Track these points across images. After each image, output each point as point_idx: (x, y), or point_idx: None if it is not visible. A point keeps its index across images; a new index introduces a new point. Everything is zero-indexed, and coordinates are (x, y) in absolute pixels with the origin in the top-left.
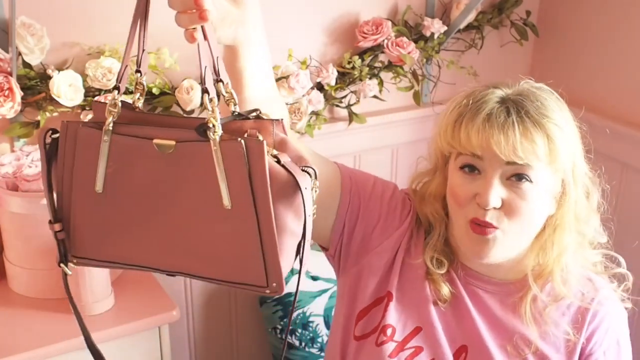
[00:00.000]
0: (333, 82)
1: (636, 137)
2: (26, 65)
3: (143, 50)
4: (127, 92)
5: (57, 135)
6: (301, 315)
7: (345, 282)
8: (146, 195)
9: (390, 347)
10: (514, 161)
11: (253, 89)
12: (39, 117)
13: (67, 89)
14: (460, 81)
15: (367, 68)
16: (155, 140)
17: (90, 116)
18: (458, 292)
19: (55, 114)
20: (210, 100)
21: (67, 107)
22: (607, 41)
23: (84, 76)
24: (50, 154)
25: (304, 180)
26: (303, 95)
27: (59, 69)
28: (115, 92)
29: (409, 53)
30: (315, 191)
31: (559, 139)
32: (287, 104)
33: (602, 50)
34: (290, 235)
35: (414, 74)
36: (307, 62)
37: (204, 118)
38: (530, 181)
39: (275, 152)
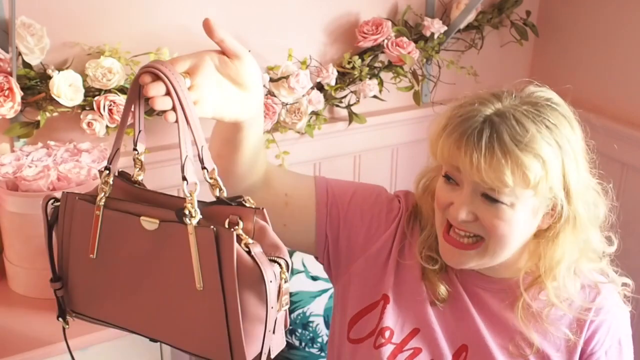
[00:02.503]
0: (333, 82)
1: (636, 137)
2: (26, 65)
3: (140, 131)
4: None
5: (57, 203)
6: (301, 315)
7: (338, 289)
8: (131, 266)
9: (388, 349)
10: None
11: (247, 156)
12: (39, 117)
13: (67, 89)
14: (460, 81)
15: (367, 68)
16: (142, 218)
17: (90, 116)
18: (457, 292)
19: (55, 114)
20: (189, 188)
21: (67, 107)
22: (607, 41)
23: (84, 76)
24: (52, 220)
25: (270, 274)
26: (303, 95)
27: (59, 69)
28: (106, 172)
29: (409, 53)
30: (285, 281)
31: (531, 168)
32: (287, 104)
33: (602, 50)
34: (257, 321)
35: (414, 74)
36: (307, 62)
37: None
38: (505, 204)
39: (250, 240)
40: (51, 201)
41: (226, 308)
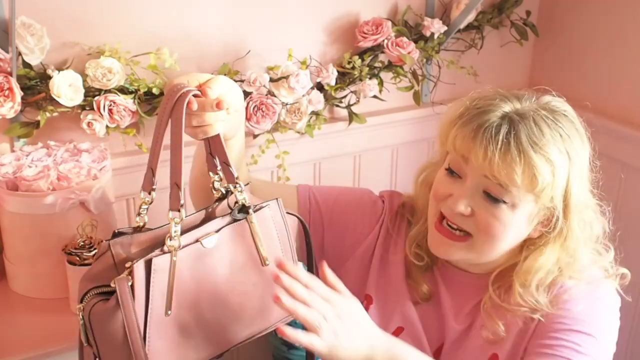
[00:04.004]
0: (333, 82)
1: (636, 137)
2: (26, 65)
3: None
4: (127, 92)
5: (129, 282)
6: None
7: None
8: (204, 292)
9: None
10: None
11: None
12: (39, 117)
13: (67, 89)
14: (460, 81)
15: (367, 68)
16: (202, 240)
17: (90, 116)
18: (438, 290)
19: (55, 114)
20: (237, 185)
21: (67, 107)
22: (607, 41)
23: (84, 76)
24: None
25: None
26: (303, 95)
27: (59, 69)
28: (175, 216)
29: (409, 53)
30: None
31: (542, 171)
32: (287, 104)
33: (602, 50)
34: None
35: (414, 74)
36: (307, 62)
37: (210, 206)
38: (507, 203)
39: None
40: (126, 282)
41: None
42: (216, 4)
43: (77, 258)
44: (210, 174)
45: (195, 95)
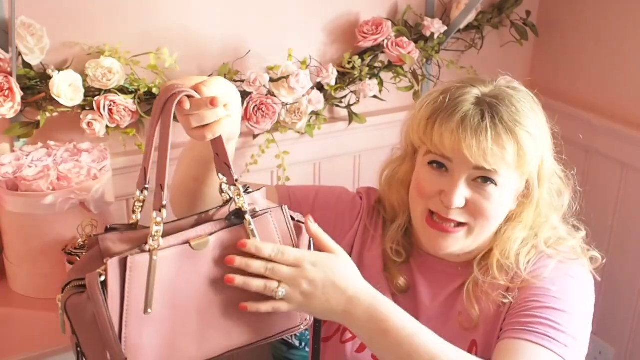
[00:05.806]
0: (333, 82)
1: (636, 137)
2: (26, 65)
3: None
4: (127, 92)
5: (102, 278)
6: None
7: None
8: (193, 295)
9: (356, 343)
10: (483, 166)
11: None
12: (39, 117)
13: (67, 89)
14: None
15: (367, 68)
16: (192, 242)
17: (90, 116)
18: (415, 281)
19: (55, 114)
20: (236, 189)
21: (67, 107)
22: (607, 41)
23: (84, 76)
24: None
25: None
26: (303, 95)
27: (59, 69)
28: (157, 216)
29: (409, 53)
30: None
31: (528, 145)
32: (287, 104)
33: (602, 50)
34: None
35: (414, 74)
36: (307, 62)
37: (211, 209)
38: (496, 184)
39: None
40: (101, 278)
41: None
42: (216, 4)
43: (77, 258)
44: (220, 175)
45: (189, 96)
